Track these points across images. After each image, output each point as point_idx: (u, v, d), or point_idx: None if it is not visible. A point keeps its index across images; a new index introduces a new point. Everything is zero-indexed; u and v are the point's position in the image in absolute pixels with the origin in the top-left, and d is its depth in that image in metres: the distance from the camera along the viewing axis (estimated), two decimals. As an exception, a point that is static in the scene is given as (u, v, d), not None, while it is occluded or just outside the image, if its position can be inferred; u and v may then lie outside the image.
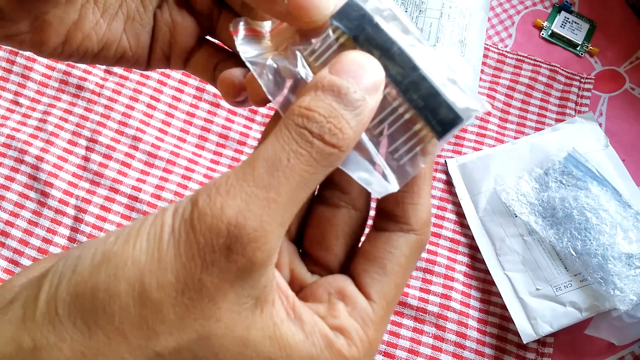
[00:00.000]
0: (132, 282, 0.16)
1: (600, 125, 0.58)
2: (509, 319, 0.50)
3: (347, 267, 0.22)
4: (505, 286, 0.50)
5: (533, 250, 0.50)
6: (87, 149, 0.55)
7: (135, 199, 0.53)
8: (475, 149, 0.56)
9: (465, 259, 0.52)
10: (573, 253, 0.48)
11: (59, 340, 0.16)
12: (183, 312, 0.16)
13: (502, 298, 0.50)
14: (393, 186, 0.19)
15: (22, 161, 0.53)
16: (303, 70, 0.20)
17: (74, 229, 0.51)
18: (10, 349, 0.16)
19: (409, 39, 0.19)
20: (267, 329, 0.18)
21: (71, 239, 0.51)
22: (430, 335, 0.49)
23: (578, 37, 0.61)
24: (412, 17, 0.59)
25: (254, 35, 0.21)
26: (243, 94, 0.24)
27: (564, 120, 0.57)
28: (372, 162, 0.19)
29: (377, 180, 0.19)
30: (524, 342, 0.48)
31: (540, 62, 0.60)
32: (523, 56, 0.60)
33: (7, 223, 0.51)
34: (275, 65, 0.20)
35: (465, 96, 0.18)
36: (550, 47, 0.61)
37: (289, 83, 0.21)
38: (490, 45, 0.60)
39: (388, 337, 0.49)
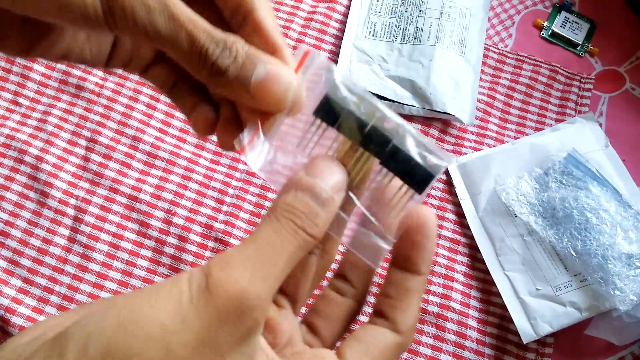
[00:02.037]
0: (159, 341, 0.19)
1: (600, 125, 0.58)
2: (509, 319, 0.49)
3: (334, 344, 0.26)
4: (505, 286, 0.50)
5: (533, 250, 0.50)
6: (87, 149, 0.55)
7: (135, 199, 0.53)
8: (475, 149, 0.56)
9: (465, 259, 0.52)
10: (573, 253, 0.48)
11: None
12: None
13: (502, 298, 0.50)
14: (390, 240, 0.24)
15: (22, 161, 0.53)
16: (304, 160, 0.25)
17: (74, 229, 0.51)
18: None
19: (378, 115, 0.24)
20: None
21: (71, 239, 0.51)
22: (430, 335, 0.49)
23: (578, 37, 0.61)
24: (412, 17, 0.59)
25: (253, 142, 0.25)
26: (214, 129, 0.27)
27: (564, 120, 0.57)
28: (368, 227, 0.25)
29: (375, 241, 0.25)
30: (524, 342, 0.48)
31: (540, 62, 0.59)
32: (523, 56, 0.60)
33: (7, 223, 0.51)
34: (280, 169, 0.25)
35: (433, 155, 0.24)
36: (551, 47, 0.61)
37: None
38: (490, 45, 0.60)
39: (388, 337, 0.49)
